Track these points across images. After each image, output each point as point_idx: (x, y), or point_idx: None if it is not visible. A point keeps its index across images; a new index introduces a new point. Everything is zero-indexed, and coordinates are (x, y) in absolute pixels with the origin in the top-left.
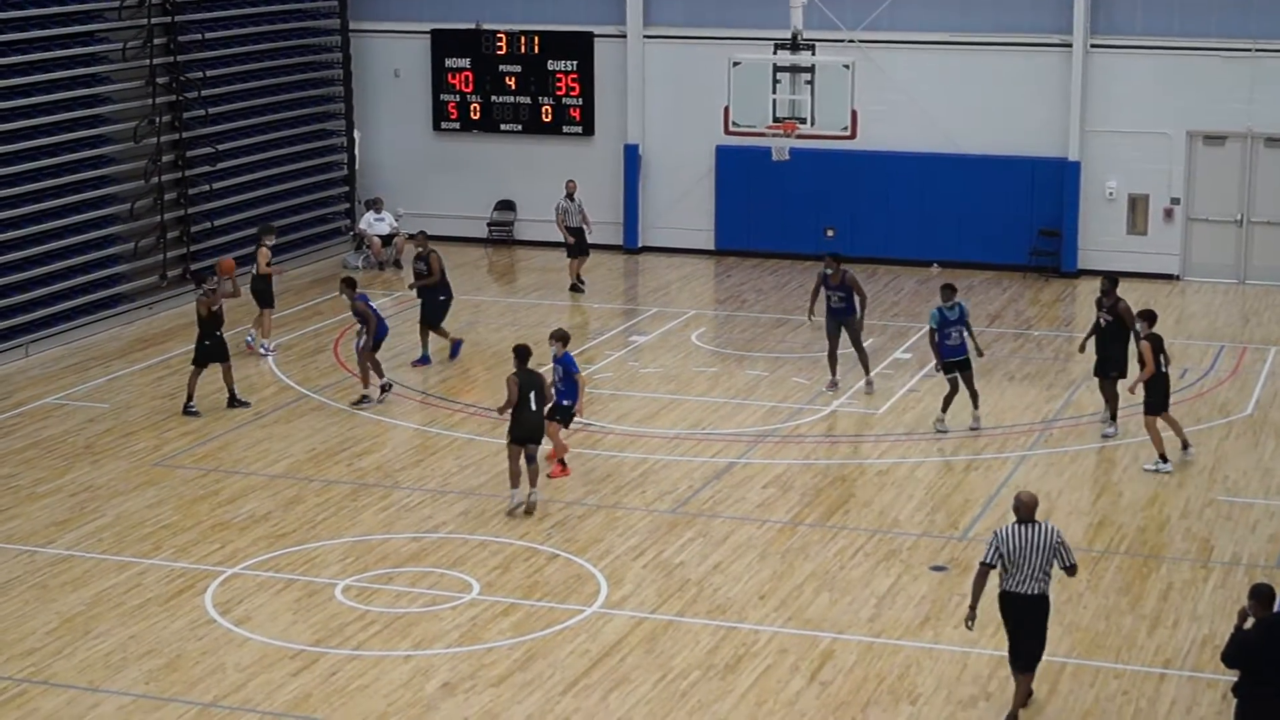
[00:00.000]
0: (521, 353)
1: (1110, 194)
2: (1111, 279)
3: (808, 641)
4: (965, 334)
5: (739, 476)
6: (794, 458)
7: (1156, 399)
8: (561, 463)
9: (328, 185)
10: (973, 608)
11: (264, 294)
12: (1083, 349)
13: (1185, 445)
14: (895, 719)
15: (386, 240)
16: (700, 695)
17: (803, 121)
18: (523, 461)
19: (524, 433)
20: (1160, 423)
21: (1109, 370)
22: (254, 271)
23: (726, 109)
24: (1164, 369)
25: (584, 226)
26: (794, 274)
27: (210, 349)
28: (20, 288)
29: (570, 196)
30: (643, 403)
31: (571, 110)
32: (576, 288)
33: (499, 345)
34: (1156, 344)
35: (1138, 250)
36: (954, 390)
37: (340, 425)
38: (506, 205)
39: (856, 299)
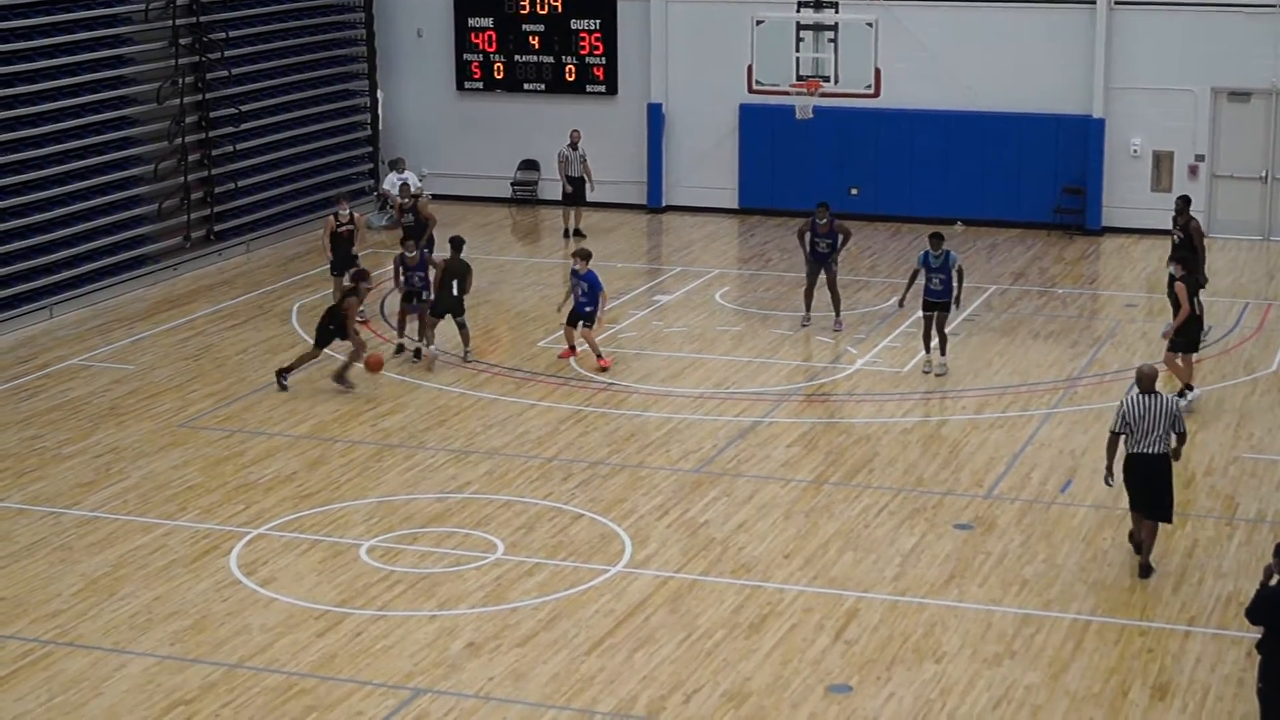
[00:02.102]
0: (456, 242)
1: (1135, 151)
2: (1184, 199)
3: (832, 600)
4: (949, 282)
5: (763, 435)
6: (818, 416)
7: (1183, 339)
8: (599, 354)
9: (351, 145)
10: (1109, 469)
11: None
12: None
13: (1189, 389)
14: (920, 677)
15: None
16: (725, 654)
17: (826, 79)
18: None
19: (440, 308)
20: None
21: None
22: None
23: (750, 67)
24: (1198, 311)
25: (585, 177)
26: None
27: (332, 333)
28: (44, 249)
29: (574, 146)
30: (667, 362)
31: (595, 69)
32: (573, 233)
33: (522, 305)
34: (1191, 286)
35: (1162, 207)
36: (928, 329)
37: (364, 386)
38: (530, 165)
39: (840, 238)
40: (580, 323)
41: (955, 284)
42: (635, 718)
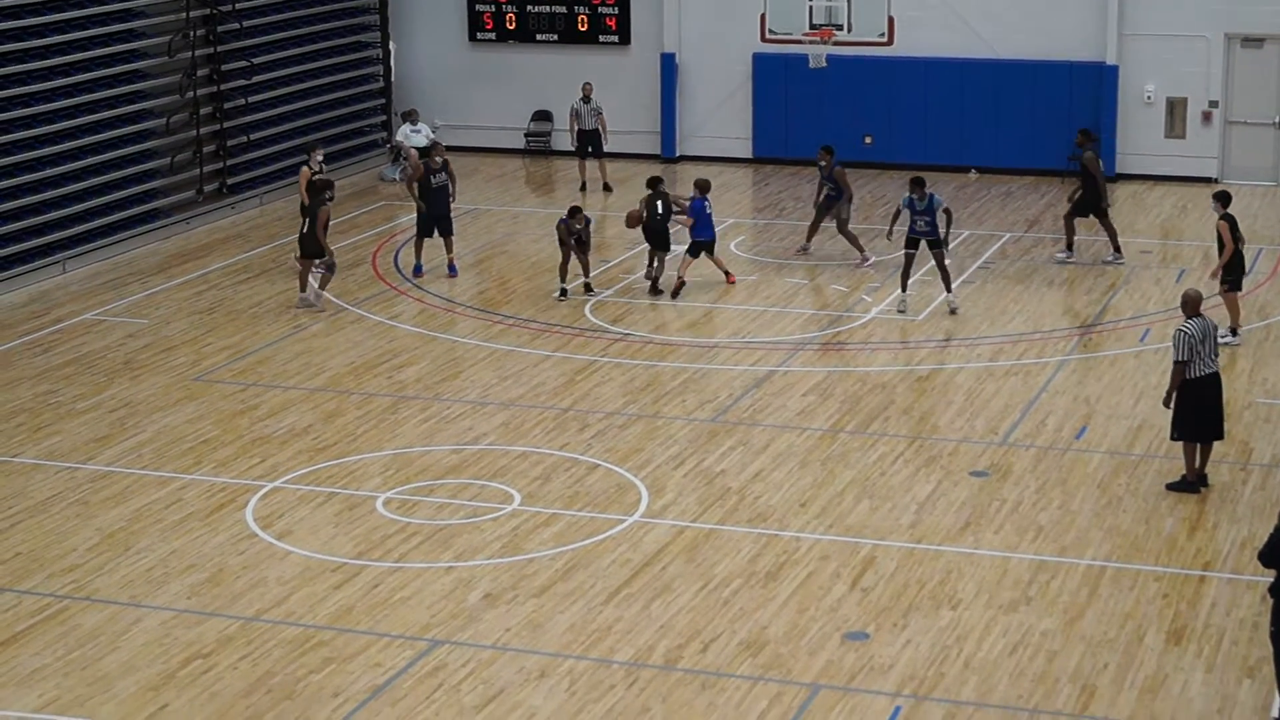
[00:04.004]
0: (653, 181)
1: (1148, 98)
2: (1083, 132)
3: (849, 548)
4: (935, 223)
5: (779, 385)
6: (833, 365)
7: (1234, 276)
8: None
9: (364, 98)
10: (1174, 394)
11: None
12: (1071, 197)
13: (1234, 331)
14: (936, 624)
15: (423, 152)
16: (742, 603)
17: (839, 28)
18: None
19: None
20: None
21: (1077, 211)
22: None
23: (763, 16)
24: (1240, 247)
25: (600, 129)
26: None
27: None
28: (57, 204)
29: (586, 99)
30: (682, 311)
31: (608, 19)
32: (603, 187)
33: (537, 255)
34: (1232, 224)
35: (1176, 154)
36: (908, 266)
37: (379, 338)
38: (543, 116)
39: (838, 186)
40: (702, 252)
41: (943, 226)
42: (653, 667)
